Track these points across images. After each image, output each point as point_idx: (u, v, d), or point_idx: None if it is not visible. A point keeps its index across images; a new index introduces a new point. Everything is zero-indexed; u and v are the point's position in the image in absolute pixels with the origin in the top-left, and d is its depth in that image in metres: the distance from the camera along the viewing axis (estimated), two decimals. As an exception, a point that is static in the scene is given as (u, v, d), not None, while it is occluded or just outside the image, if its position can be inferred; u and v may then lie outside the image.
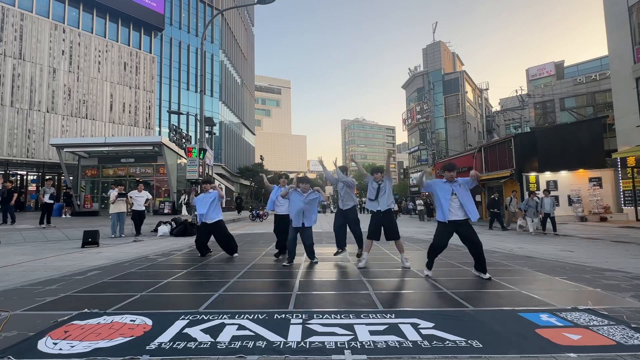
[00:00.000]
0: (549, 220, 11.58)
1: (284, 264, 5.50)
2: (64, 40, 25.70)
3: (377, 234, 5.32)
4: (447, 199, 4.51)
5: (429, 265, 4.74)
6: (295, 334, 2.57)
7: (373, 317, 2.95)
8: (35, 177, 25.67)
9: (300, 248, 5.84)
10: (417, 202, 22.84)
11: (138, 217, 10.18)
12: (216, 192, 6.40)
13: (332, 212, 40.41)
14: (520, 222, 12.42)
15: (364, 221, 5.81)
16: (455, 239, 4.70)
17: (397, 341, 2.43)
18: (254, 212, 19.93)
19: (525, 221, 12.02)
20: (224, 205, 6.83)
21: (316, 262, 5.66)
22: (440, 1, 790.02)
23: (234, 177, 47.33)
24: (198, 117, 17.28)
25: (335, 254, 6.11)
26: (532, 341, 2.44)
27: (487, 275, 4.49)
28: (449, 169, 4.65)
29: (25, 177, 25.31)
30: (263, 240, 9.32)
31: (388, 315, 3.01)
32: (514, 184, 17.64)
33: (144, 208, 10.32)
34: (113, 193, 9.59)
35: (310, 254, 5.71)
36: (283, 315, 2.99)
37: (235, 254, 6.42)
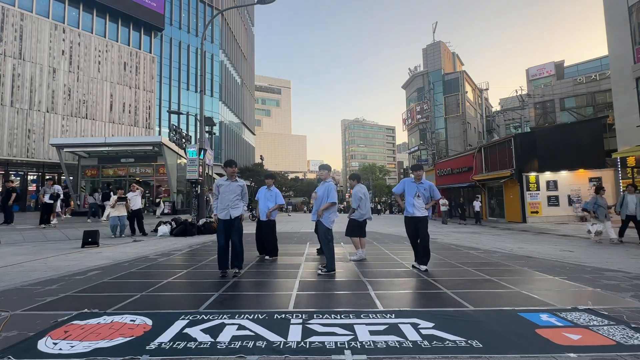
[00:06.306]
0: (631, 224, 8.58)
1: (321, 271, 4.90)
2: (64, 40, 25.66)
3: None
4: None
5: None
6: (295, 334, 2.57)
7: (373, 317, 2.95)
8: (35, 177, 25.64)
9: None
10: (442, 201, 20.27)
11: (137, 217, 10.26)
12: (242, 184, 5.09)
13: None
14: (595, 227, 9.08)
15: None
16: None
17: (397, 341, 2.43)
18: (253, 212, 19.89)
19: (603, 225, 8.96)
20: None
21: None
22: (440, 1, 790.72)
23: (234, 177, 47.27)
24: (198, 117, 17.26)
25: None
26: (532, 341, 2.45)
27: (424, 268, 5.02)
28: (415, 169, 5.27)
29: (25, 177, 25.29)
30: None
31: (388, 315, 3.01)
32: (514, 183, 17.65)
33: (140, 206, 10.47)
34: (113, 197, 9.71)
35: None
36: (283, 315, 2.99)
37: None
